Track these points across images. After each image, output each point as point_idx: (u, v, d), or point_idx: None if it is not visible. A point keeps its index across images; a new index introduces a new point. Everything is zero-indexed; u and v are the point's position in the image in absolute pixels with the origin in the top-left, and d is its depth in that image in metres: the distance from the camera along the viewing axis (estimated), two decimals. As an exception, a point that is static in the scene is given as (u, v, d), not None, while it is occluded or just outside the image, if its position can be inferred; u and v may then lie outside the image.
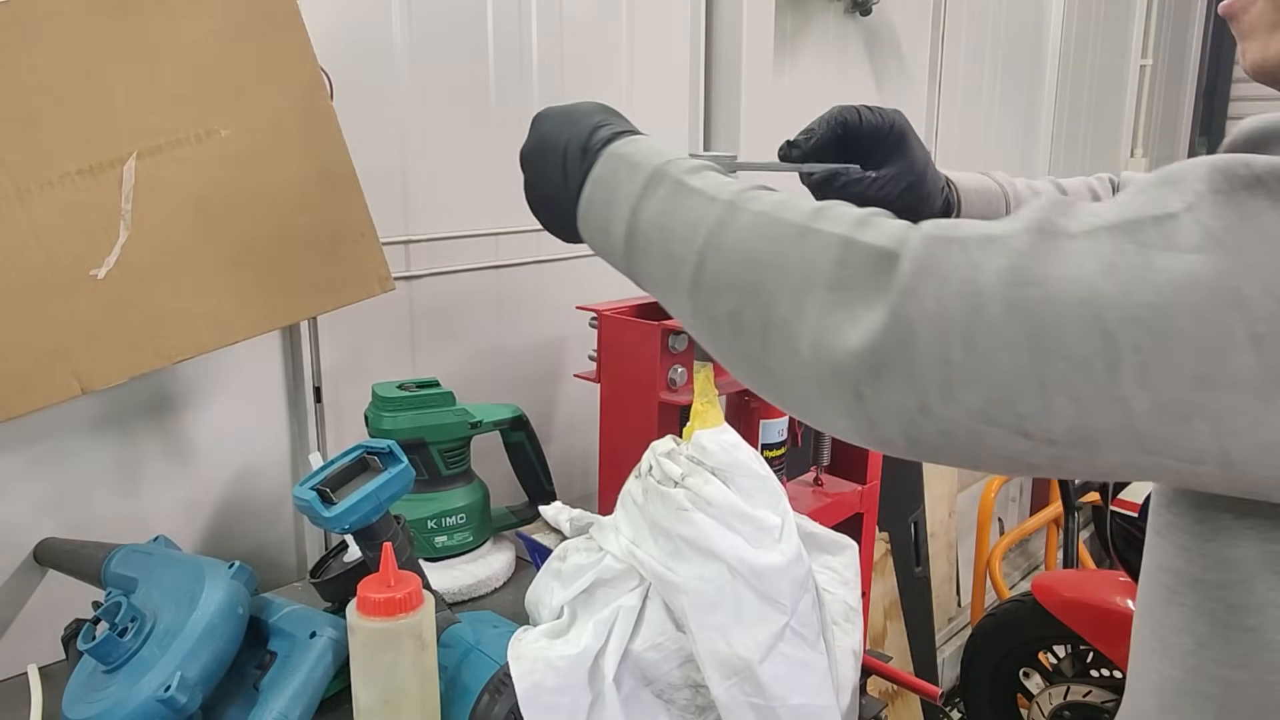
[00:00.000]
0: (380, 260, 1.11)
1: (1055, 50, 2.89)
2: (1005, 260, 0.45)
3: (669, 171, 0.63)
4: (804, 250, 0.51)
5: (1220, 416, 0.42)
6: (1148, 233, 0.43)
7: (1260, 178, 0.43)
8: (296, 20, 1.03)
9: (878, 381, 0.47)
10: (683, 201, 0.60)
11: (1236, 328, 0.41)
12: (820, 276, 0.50)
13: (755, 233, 0.55)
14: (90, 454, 1.10)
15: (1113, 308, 0.43)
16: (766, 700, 0.80)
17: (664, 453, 0.87)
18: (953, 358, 0.45)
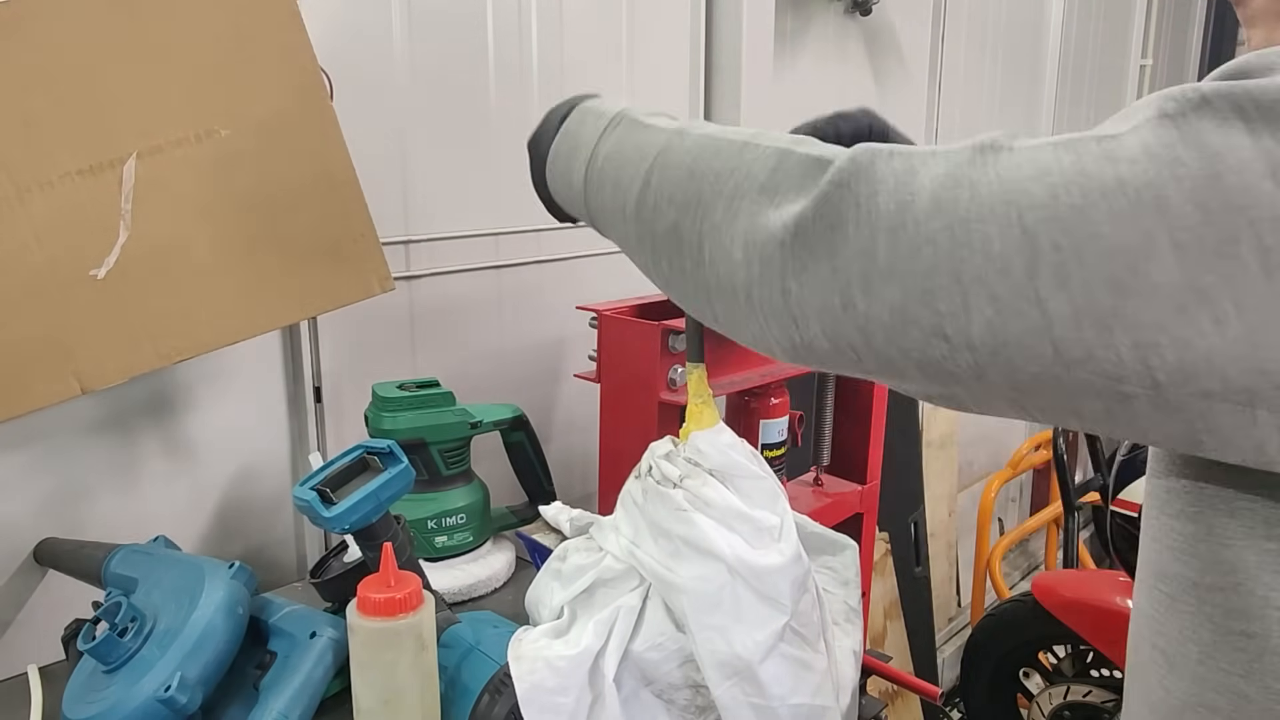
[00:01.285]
0: (380, 260, 1.11)
1: (1055, 50, 2.89)
2: (943, 167, 0.46)
3: (628, 114, 0.66)
4: (741, 160, 0.53)
5: (1140, 327, 0.42)
6: (1088, 146, 0.44)
7: (1207, 98, 0.42)
8: (296, 20, 1.03)
9: (802, 273, 0.48)
10: (635, 134, 0.63)
11: (1158, 234, 0.41)
12: (754, 181, 0.52)
13: (698, 150, 0.57)
14: (90, 454, 1.10)
15: (1036, 208, 0.43)
16: (766, 700, 0.80)
17: (662, 454, 0.87)
18: (877, 251, 0.46)
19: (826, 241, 0.47)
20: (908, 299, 0.45)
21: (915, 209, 0.45)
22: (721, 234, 0.53)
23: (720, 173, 0.54)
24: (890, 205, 0.46)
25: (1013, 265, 0.43)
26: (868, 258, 0.46)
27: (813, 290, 0.48)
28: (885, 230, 0.46)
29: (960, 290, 0.44)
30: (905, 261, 0.45)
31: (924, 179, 0.46)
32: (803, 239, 0.48)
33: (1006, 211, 0.43)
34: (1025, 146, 0.45)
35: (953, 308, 0.45)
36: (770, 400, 1.32)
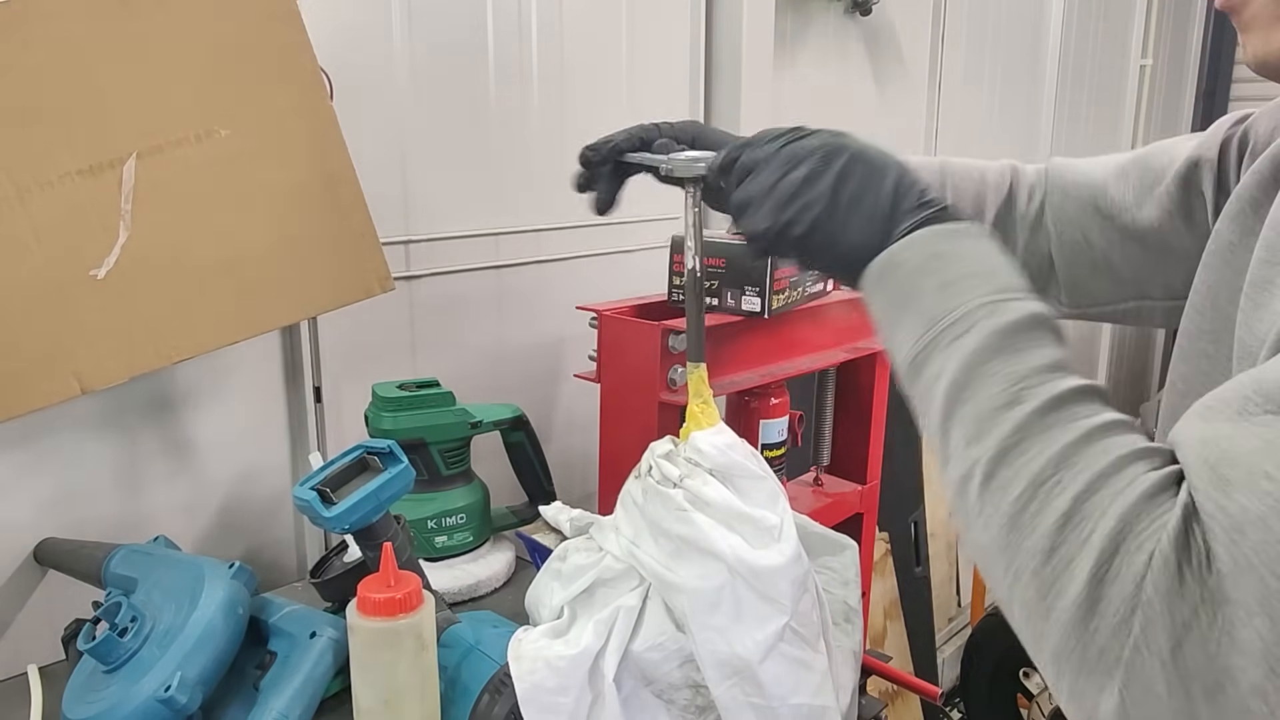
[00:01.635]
0: (380, 260, 1.11)
1: (1055, 50, 2.88)
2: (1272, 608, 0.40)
3: (980, 325, 0.55)
4: (1053, 555, 0.47)
5: None
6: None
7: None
8: (296, 20, 1.03)
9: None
10: (978, 385, 0.53)
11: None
12: (1061, 604, 0.46)
13: (1024, 485, 0.49)
14: (90, 454, 1.10)
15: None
16: (766, 700, 0.80)
17: (662, 454, 0.87)
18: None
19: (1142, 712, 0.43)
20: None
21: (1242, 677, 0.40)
22: (1029, 620, 0.48)
23: (1034, 550, 0.47)
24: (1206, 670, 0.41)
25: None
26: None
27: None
28: (1203, 692, 0.41)
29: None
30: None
31: (1248, 636, 0.40)
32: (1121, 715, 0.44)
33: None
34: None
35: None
36: (770, 400, 1.32)
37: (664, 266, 1.29)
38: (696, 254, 0.81)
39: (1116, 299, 0.87)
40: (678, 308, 1.29)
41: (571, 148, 0.85)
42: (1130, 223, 0.83)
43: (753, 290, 1.22)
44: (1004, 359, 0.53)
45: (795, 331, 1.33)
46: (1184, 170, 0.79)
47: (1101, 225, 0.85)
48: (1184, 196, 0.79)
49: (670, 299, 1.30)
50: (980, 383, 0.53)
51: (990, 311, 0.55)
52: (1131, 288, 0.85)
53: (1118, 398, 4.13)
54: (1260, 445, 0.43)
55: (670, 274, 1.28)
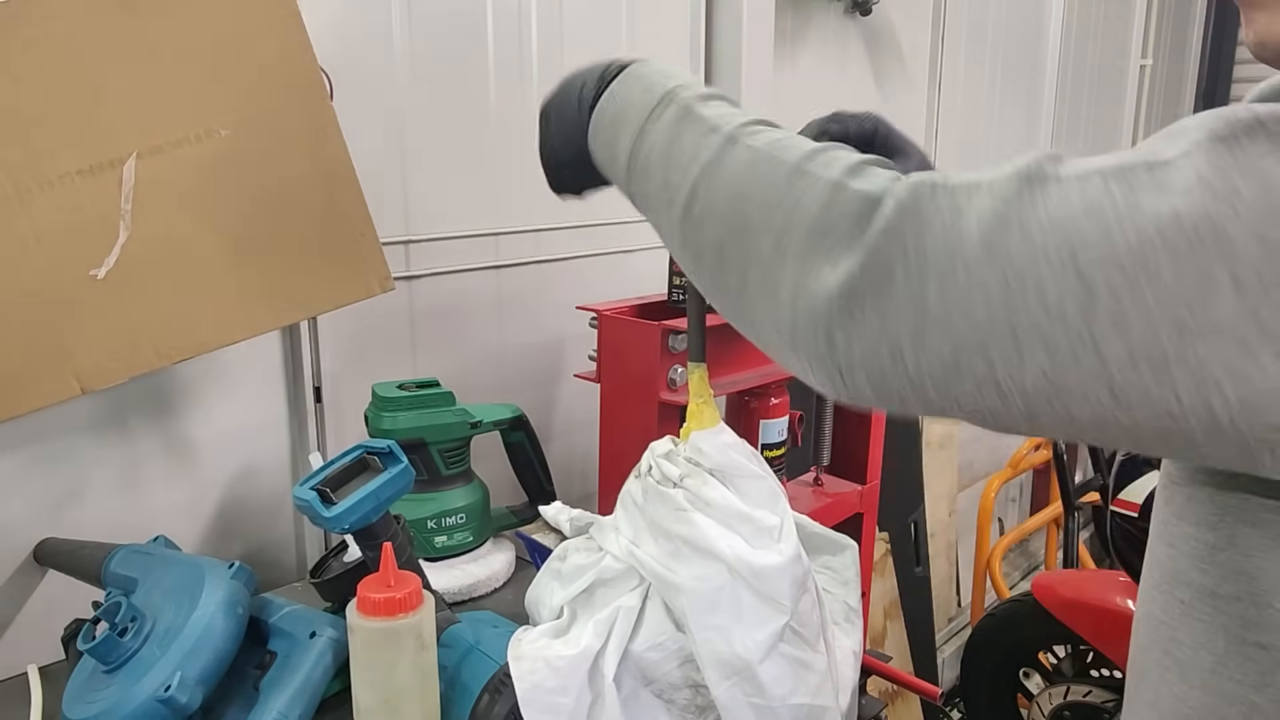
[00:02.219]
0: (380, 260, 1.11)
1: (1055, 50, 2.88)
2: (989, 204, 0.44)
3: (679, 95, 0.62)
4: (792, 190, 0.51)
5: (1201, 366, 0.40)
6: (1139, 176, 0.42)
7: (1262, 121, 0.41)
8: (296, 20, 1.03)
9: (851, 325, 0.46)
10: (686, 128, 0.60)
11: (1218, 271, 0.39)
12: (804, 218, 0.50)
13: (749, 168, 0.54)
14: (90, 454, 1.10)
15: (1090, 248, 0.41)
16: (766, 700, 0.80)
17: (662, 454, 0.87)
18: (928, 301, 0.44)
19: (875, 295, 0.45)
20: (959, 350, 0.44)
21: (965, 254, 0.43)
22: (768, 269, 0.51)
23: (770, 202, 0.52)
24: (939, 251, 0.44)
25: (1068, 311, 0.41)
26: (918, 309, 0.44)
27: (860, 342, 0.46)
28: (935, 279, 0.44)
29: (1014, 339, 0.43)
30: (957, 311, 0.43)
31: (971, 219, 0.44)
32: (851, 295, 0.46)
33: (1060, 255, 0.41)
34: (1073, 176, 0.43)
35: (1006, 357, 0.43)
36: (770, 400, 1.32)
37: (664, 266, 1.29)
38: None
39: None
40: (678, 308, 1.29)
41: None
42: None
43: (753, 290, 1.22)
44: (705, 109, 0.60)
45: (795, 331, 1.33)
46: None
47: None
48: None
49: (670, 299, 1.30)
50: (689, 126, 0.59)
51: (687, 89, 0.63)
52: None
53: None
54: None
55: (670, 274, 1.28)
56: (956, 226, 0.44)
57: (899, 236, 0.45)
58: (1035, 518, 3.06)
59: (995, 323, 0.43)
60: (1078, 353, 0.42)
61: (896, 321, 0.45)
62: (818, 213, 0.49)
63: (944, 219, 0.45)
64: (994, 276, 0.43)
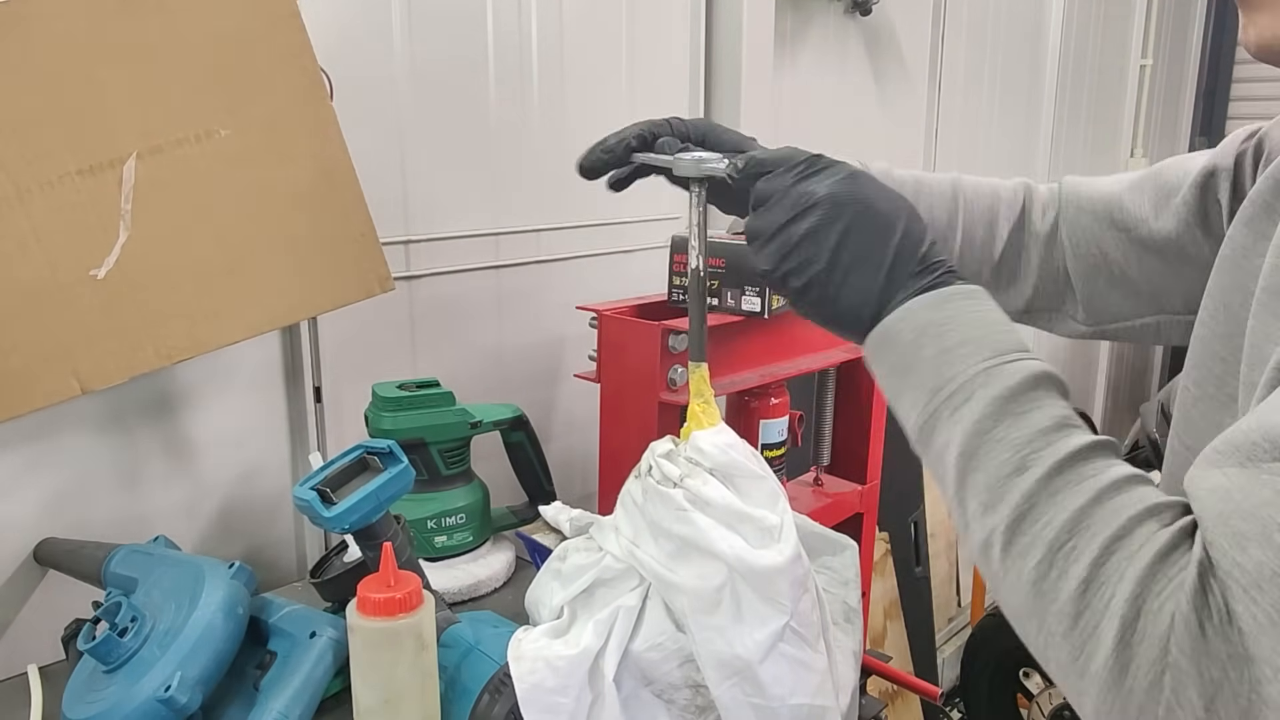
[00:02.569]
0: (380, 260, 1.11)
1: (1055, 50, 2.88)
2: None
3: (979, 392, 0.55)
4: (1079, 620, 0.47)
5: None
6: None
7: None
8: (296, 20, 1.03)
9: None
10: (982, 458, 0.54)
11: None
12: (1093, 666, 0.47)
13: (1042, 553, 0.50)
14: (90, 454, 1.10)
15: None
16: (766, 700, 0.80)
17: (662, 454, 0.87)
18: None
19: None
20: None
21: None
22: (1068, 679, 0.48)
23: (1061, 615, 0.48)
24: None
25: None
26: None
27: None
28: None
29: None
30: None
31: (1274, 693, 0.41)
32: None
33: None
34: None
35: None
36: (770, 400, 1.32)
37: (664, 266, 1.29)
38: (700, 253, 0.81)
39: (1135, 314, 0.86)
40: (677, 308, 1.29)
41: (571, 148, 0.85)
42: (1147, 235, 0.82)
43: (753, 290, 1.22)
44: (1006, 425, 0.54)
45: (795, 331, 1.33)
46: (1200, 179, 0.78)
47: (1117, 238, 0.84)
48: (1201, 205, 0.78)
49: (670, 299, 1.30)
50: (986, 451, 0.54)
51: (988, 378, 0.55)
52: (1150, 302, 0.84)
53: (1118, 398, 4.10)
54: (1271, 496, 0.43)
55: (670, 274, 1.28)
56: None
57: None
58: (1035, 518, 3.05)
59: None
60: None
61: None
62: (1110, 655, 0.46)
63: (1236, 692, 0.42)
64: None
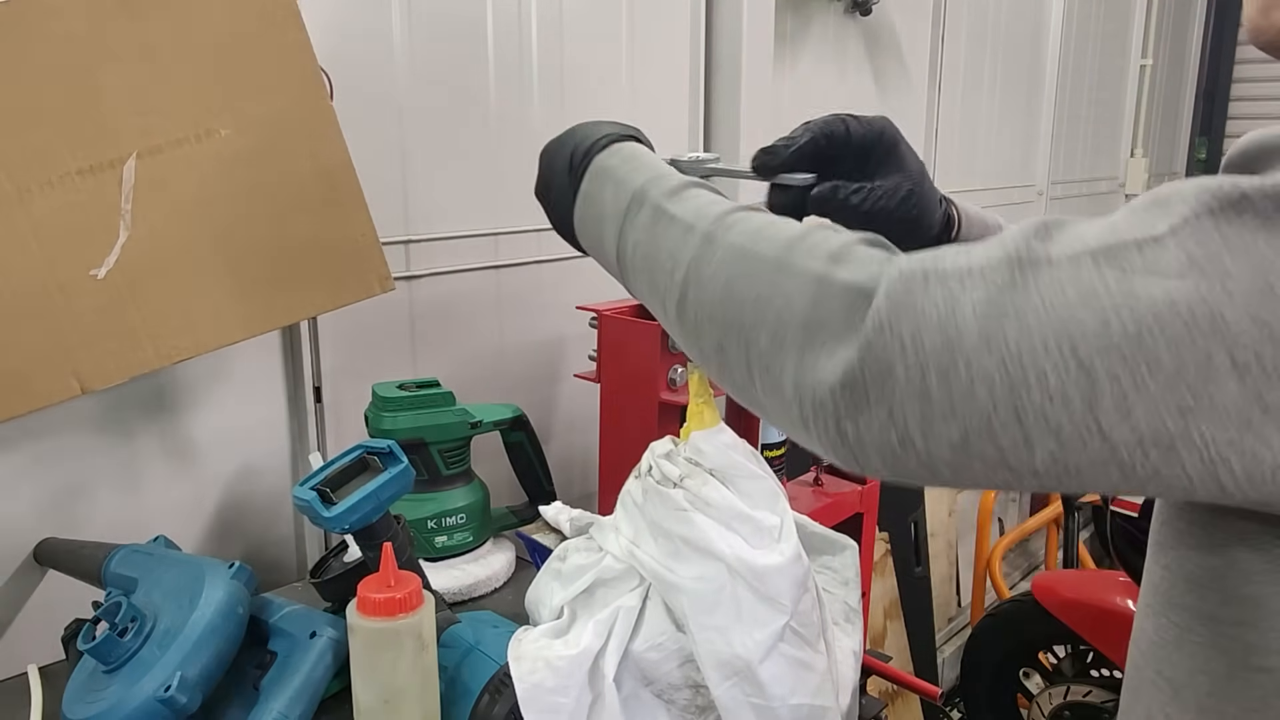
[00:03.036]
0: (380, 260, 1.11)
1: (1055, 50, 2.89)
2: (982, 293, 0.44)
3: (649, 194, 0.63)
4: (779, 287, 0.51)
5: (1206, 445, 0.41)
6: (1130, 257, 0.42)
7: (1248, 196, 0.41)
8: (296, 20, 1.03)
9: (858, 416, 0.47)
10: (662, 230, 0.61)
11: (1218, 354, 0.40)
12: (796, 315, 0.50)
13: (731, 267, 0.55)
14: (90, 454, 1.10)
15: (1089, 337, 0.42)
16: (766, 700, 0.80)
17: (662, 454, 0.87)
18: (930, 392, 0.45)
19: (878, 387, 0.46)
20: (968, 436, 0.44)
21: (964, 346, 0.44)
22: (770, 367, 0.51)
23: (758, 299, 0.52)
24: (937, 343, 0.44)
25: (1071, 398, 0.42)
26: (922, 399, 0.45)
27: (869, 431, 0.47)
28: (936, 371, 0.44)
29: (1020, 426, 0.43)
30: (961, 401, 0.44)
31: (966, 309, 0.44)
32: (854, 387, 0.46)
33: (1059, 344, 0.42)
34: (1064, 258, 0.44)
35: (1014, 442, 0.44)
36: (770, 400, 1.32)
37: (664, 266, 1.29)
38: None
39: None
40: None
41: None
42: None
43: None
44: (678, 206, 0.61)
45: (795, 331, 1.33)
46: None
47: None
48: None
49: (670, 299, 1.29)
50: (664, 228, 0.61)
51: (655, 185, 0.64)
52: None
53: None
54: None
55: (670, 274, 1.28)
56: (952, 318, 0.44)
57: (895, 331, 0.45)
58: (1035, 518, 3.06)
59: (1000, 411, 0.43)
60: (1084, 438, 0.43)
61: (902, 411, 0.45)
62: (808, 308, 0.49)
63: (939, 310, 0.45)
64: (995, 367, 0.43)
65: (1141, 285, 0.42)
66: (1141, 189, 3.33)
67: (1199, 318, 0.40)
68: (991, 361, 0.43)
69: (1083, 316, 0.42)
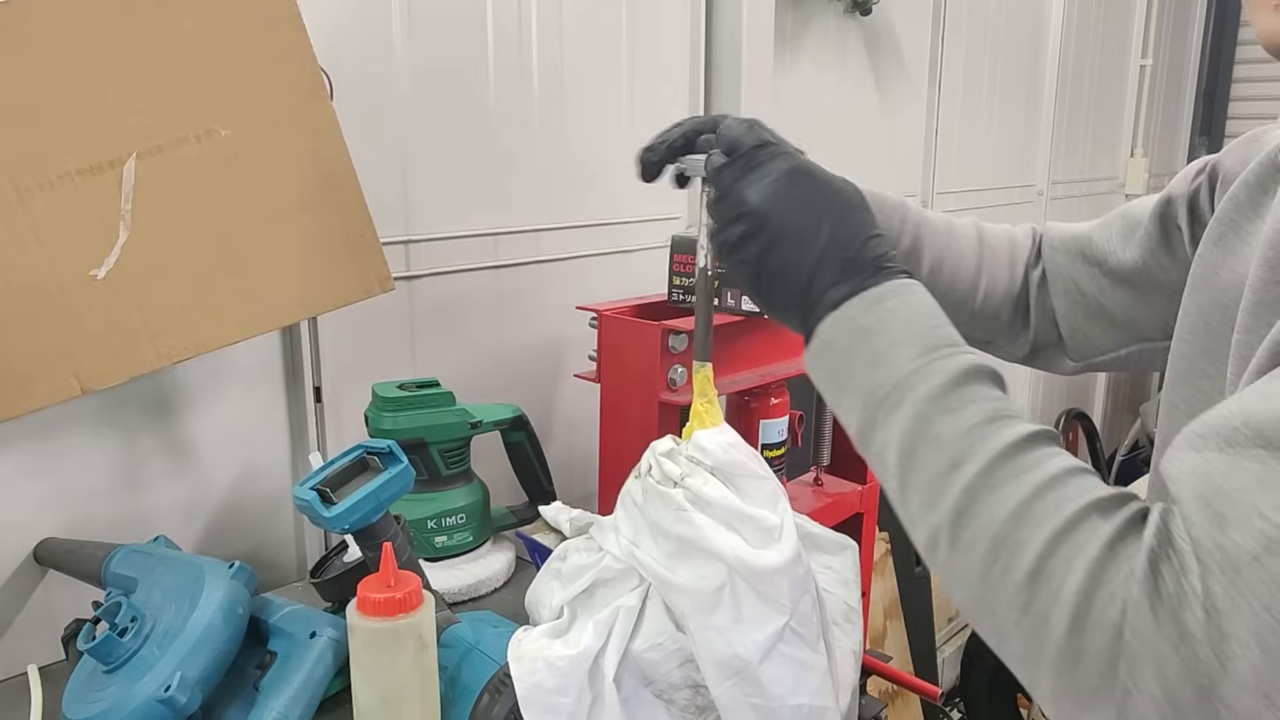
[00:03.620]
0: (380, 260, 1.11)
1: (1055, 50, 2.89)
2: (1250, 635, 0.41)
3: (912, 391, 0.56)
4: (1035, 599, 0.48)
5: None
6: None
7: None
8: (296, 20, 1.03)
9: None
10: (922, 456, 0.54)
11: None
12: (1051, 643, 0.47)
13: (989, 551, 0.50)
14: (90, 454, 1.10)
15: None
16: (766, 700, 0.80)
17: (663, 453, 0.87)
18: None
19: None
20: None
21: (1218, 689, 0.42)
22: (1024, 666, 0.49)
23: (1013, 605, 0.49)
24: (1189, 692, 0.42)
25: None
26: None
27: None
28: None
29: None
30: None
31: (1237, 657, 0.41)
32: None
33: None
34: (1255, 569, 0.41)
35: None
36: (770, 400, 1.32)
37: (664, 267, 1.29)
38: (709, 253, 0.81)
39: (1117, 345, 0.89)
40: (677, 308, 1.29)
41: (571, 148, 0.85)
42: (1117, 266, 0.86)
43: (753, 290, 1.22)
44: (941, 423, 0.54)
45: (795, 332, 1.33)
46: (1159, 209, 0.83)
47: (1090, 273, 0.88)
48: (1162, 233, 0.82)
49: (670, 299, 1.30)
50: (923, 451, 0.54)
51: (919, 378, 0.56)
52: (1128, 332, 0.87)
53: (1118, 398, 4.09)
54: (1252, 481, 0.43)
55: (670, 274, 1.28)
56: (1220, 665, 0.42)
57: (1141, 689, 0.44)
58: (1035, 518, 3.06)
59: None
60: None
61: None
62: (1062, 643, 0.47)
63: (1198, 657, 0.43)
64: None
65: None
66: (1141, 189, 3.33)
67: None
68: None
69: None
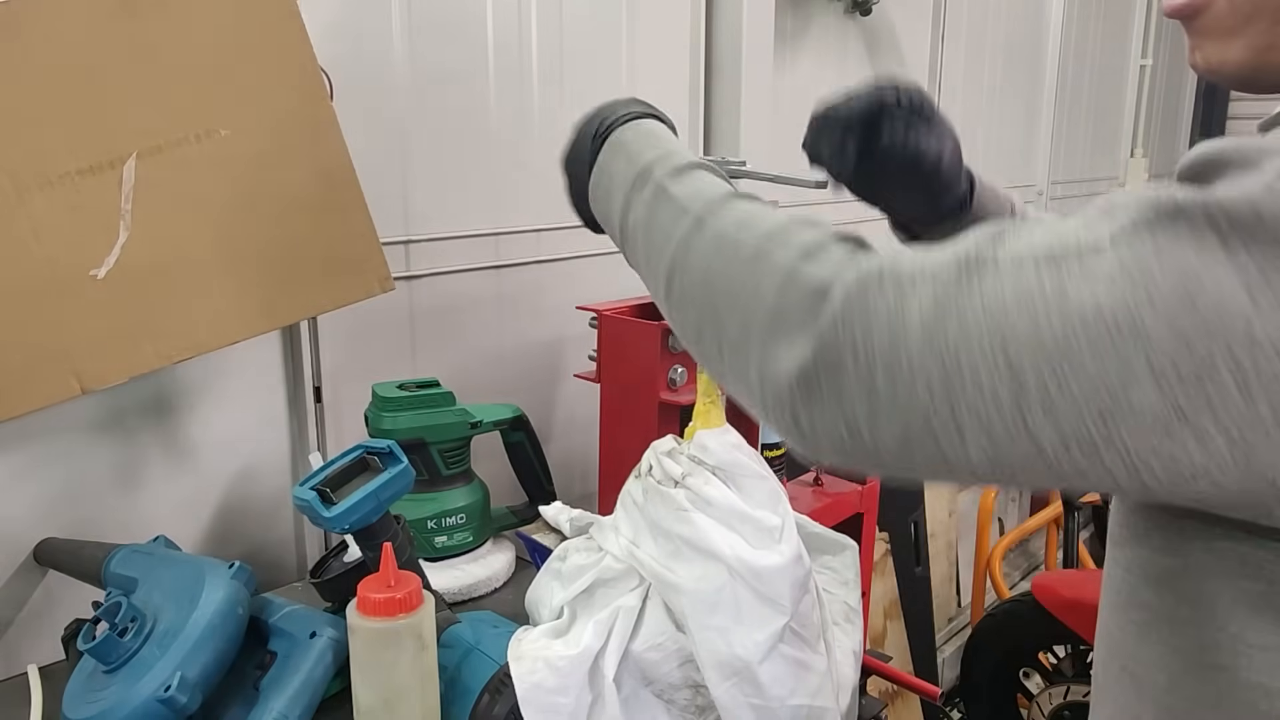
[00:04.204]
0: (380, 260, 1.11)
1: (1055, 50, 2.89)
2: (929, 293, 0.46)
3: (655, 171, 0.65)
4: (752, 277, 0.53)
5: (1128, 450, 0.42)
6: (1070, 263, 0.43)
7: (1182, 208, 0.42)
8: (296, 20, 1.03)
9: (811, 408, 0.49)
10: (660, 209, 0.62)
11: (1137, 361, 0.41)
12: (764, 306, 0.52)
13: (713, 253, 0.57)
14: (90, 454, 1.10)
15: (1020, 339, 0.43)
16: (766, 701, 0.80)
17: (665, 452, 0.87)
18: (877, 388, 0.46)
19: (830, 382, 0.48)
20: (909, 430, 0.46)
21: (908, 343, 0.45)
22: (738, 353, 0.53)
23: (733, 289, 0.54)
24: (885, 341, 0.46)
25: (1002, 398, 0.43)
26: (869, 395, 0.47)
27: (821, 422, 0.49)
28: (882, 367, 0.46)
29: (955, 422, 0.45)
30: (904, 398, 0.46)
31: (914, 309, 0.46)
32: (808, 380, 0.48)
33: (991, 344, 0.43)
34: (1010, 260, 0.45)
35: (950, 438, 0.45)
36: (770, 400, 1.32)
37: (664, 266, 1.29)
38: None
39: None
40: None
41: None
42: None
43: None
44: (679, 186, 0.63)
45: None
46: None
47: None
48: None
49: (670, 299, 1.29)
50: (660, 212, 0.62)
51: (655, 169, 0.65)
52: None
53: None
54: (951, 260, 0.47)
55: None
56: (901, 317, 0.46)
57: (847, 327, 0.47)
58: (1035, 518, 3.06)
59: (938, 407, 0.45)
60: (1014, 436, 0.44)
61: (850, 405, 0.47)
62: (774, 301, 0.51)
63: (889, 309, 0.46)
64: (934, 364, 0.45)
65: (1074, 290, 0.43)
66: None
67: (1121, 324, 0.41)
68: (931, 359, 0.45)
69: (1016, 318, 0.43)
